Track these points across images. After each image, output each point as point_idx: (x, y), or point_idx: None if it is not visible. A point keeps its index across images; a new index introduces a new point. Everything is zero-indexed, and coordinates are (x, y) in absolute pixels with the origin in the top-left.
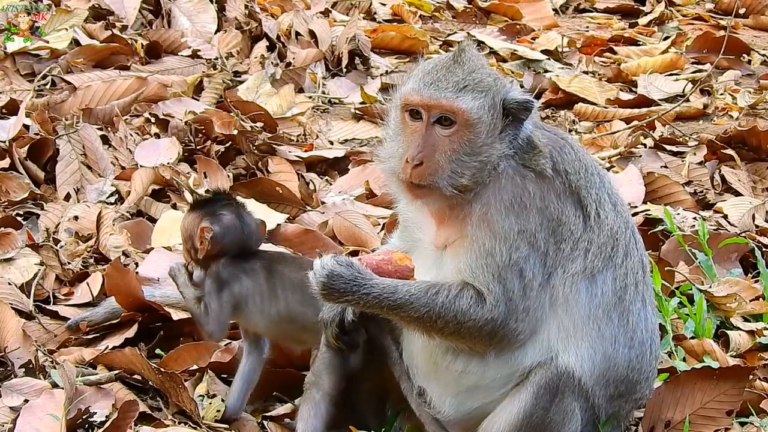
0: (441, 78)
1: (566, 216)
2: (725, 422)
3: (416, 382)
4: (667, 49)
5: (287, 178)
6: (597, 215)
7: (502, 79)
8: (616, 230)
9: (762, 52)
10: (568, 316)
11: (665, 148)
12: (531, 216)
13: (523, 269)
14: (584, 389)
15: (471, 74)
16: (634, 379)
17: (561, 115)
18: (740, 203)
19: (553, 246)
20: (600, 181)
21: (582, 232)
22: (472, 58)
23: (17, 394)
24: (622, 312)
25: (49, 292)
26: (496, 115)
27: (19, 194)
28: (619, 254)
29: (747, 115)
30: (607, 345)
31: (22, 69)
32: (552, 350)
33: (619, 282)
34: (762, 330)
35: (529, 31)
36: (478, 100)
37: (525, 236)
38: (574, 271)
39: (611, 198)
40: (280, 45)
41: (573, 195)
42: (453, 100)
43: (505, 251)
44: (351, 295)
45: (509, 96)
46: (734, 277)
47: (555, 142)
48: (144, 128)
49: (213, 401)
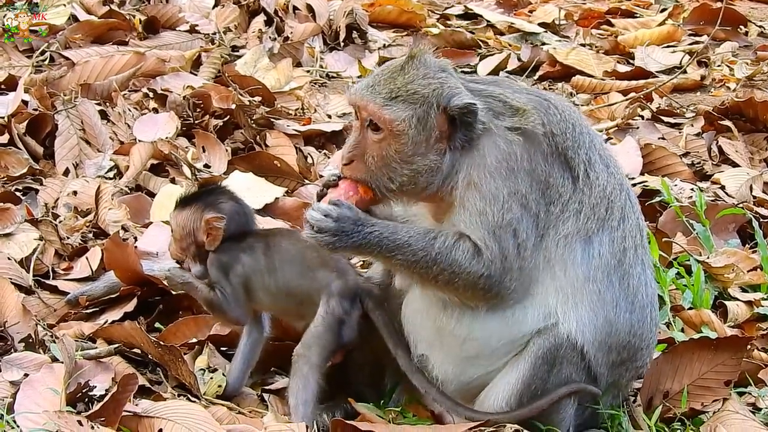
0: (379, 83)
1: (554, 178)
2: (723, 392)
3: (417, 350)
4: (664, 21)
5: (285, 152)
6: (587, 176)
7: (444, 88)
8: (609, 191)
9: (759, 24)
10: (566, 278)
11: (662, 120)
12: (520, 178)
13: (516, 229)
14: (586, 357)
15: (408, 84)
16: (636, 345)
17: (558, 87)
18: (737, 174)
19: (544, 208)
20: (590, 140)
21: (572, 194)
22: (418, 67)
23: (17, 369)
24: (623, 275)
25: (48, 266)
26: (429, 126)
27: (18, 169)
28: (614, 216)
29: (744, 86)
30: (609, 309)
31: (21, 45)
32: (553, 316)
33: (617, 245)
34: (760, 300)
35: (526, 4)
36: (406, 111)
37: (516, 198)
38: (567, 232)
39: (603, 158)
40: (278, 19)
41: (560, 156)
42: (379, 108)
43: (497, 211)
44: (356, 236)
45: (450, 104)
46: (732, 247)
47: (538, 104)
48: (142, 103)
49: (214, 376)
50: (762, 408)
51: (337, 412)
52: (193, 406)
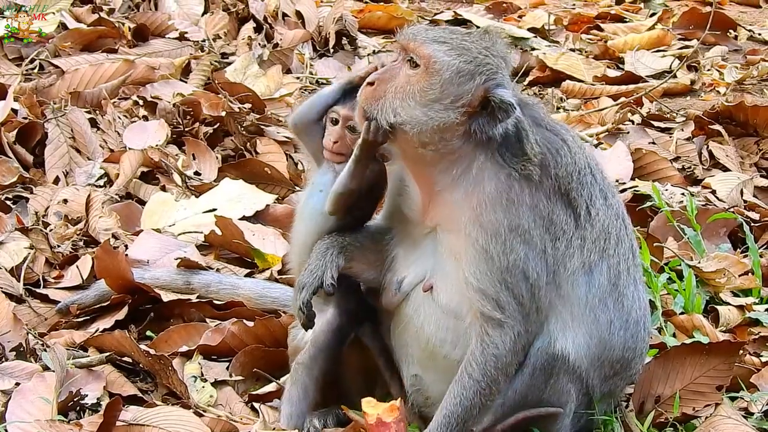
0: (437, 31)
1: (557, 215)
2: (715, 397)
3: (410, 370)
4: (654, 26)
5: (276, 159)
6: (588, 213)
7: (498, 74)
8: (608, 225)
9: (748, 28)
10: (567, 309)
11: (653, 125)
12: (521, 212)
13: (525, 270)
14: (579, 372)
15: (466, 42)
16: (629, 358)
17: (549, 92)
18: (728, 178)
19: (550, 244)
20: (593, 179)
21: (574, 230)
22: (484, 38)
23: (8, 378)
24: (617, 297)
25: (39, 275)
26: (463, 89)
27: (8, 178)
28: (611, 245)
29: (734, 90)
30: (603, 330)
31: (10, 53)
32: (549, 336)
33: (613, 270)
34: (751, 305)
35: (516, 10)
36: (449, 57)
37: (517, 234)
38: (574, 267)
39: (603, 192)
40: (267, 26)
41: (563, 197)
42: (424, 44)
43: (501, 251)
44: None
45: (494, 88)
46: (723, 252)
47: (552, 143)
48: (132, 111)
49: (206, 385)
50: (754, 413)
51: (329, 419)
52: (184, 412)
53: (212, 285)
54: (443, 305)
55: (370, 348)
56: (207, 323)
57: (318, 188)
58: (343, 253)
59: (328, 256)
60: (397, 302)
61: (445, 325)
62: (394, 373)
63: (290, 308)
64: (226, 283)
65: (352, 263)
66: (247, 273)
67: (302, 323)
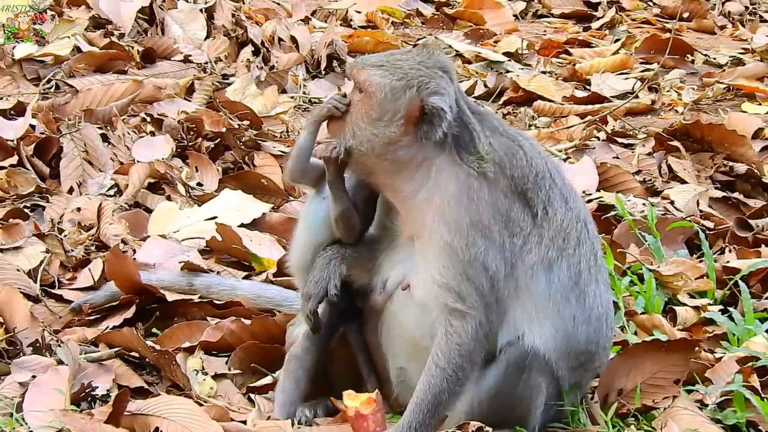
0: (377, 56)
1: (514, 212)
2: (673, 390)
3: (396, 363)
4: (618, 51)
5: (272, 171)
6: (545, 213)
7: (432, 83)
8: (566, 225)
9: (704, 52)
10: (530, 302)
11: (617, 141)
12: (481, 208)
13: (485, 263)
14: (549, 364)
15: (399, 61)
16: (593, 351)
17: (521, 111)
18: (685, 190)
19: (508, 239)
20: (551, 182)
21: (531, 228)
22: (420, 54)
23: (26, 371)
24: (579, 294)
25: (54, 277)
26: (400, 103)
27: (26, 188)
28: (571, 245)
29: (691, 110)
30: (567, 324)
31: (29, 74)
32: (518, 330)
33: (573, 269)
34: (706, 306)
35: (492, 35)
36: (383, 78)
37: (478, 228)
38: (532, 262)
39: (563, 194)
40: (265, 50)
41: (520, 196)
42: (361, 70)
43: (463, 246)
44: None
45: (428, 96)
46: (680, 257)
47: (508, 148)
48: (140, 127)
49: (207, 378)
50: (708, 404)
51: (318, 409)
52: (187, 402)
53: (213, 286)
54: (418, 301)
55: (352, 345)
56: (208, 321)
57: (322, 195)
58: (344, 263)
59: (331, 266)
60: (383, 301)
61: (421, 319)
62: (372, 369)
63: (284, 307)
64: (225, 285)
65: (352, 271)
66: (245, 275)
67: (311, 329)
